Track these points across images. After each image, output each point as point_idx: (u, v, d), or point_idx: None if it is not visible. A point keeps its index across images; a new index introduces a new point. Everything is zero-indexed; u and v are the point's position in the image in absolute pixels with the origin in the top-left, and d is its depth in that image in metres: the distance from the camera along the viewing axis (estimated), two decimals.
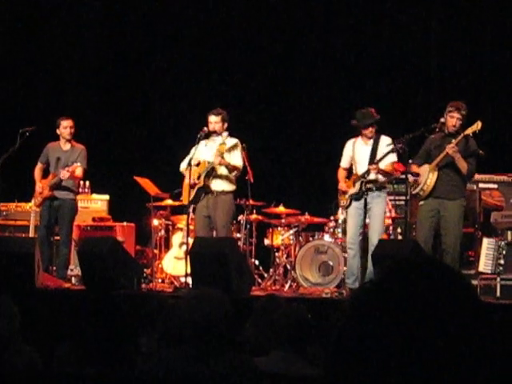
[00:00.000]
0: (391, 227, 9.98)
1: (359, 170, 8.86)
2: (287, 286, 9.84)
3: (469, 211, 9.10)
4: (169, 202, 10.44)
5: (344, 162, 9.09)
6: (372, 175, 8.74)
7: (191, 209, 9.17)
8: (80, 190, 10.49)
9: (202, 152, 9.11)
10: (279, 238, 10.38)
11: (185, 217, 9.44)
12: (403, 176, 8.81)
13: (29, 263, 8.26)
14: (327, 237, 10.04)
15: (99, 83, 12.84)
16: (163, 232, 10.67)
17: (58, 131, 9.69)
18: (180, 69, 12.74)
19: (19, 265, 8.13)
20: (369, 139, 8.86)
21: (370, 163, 8.70)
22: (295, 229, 10.42)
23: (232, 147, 9.02)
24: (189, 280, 8.52)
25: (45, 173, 9.81)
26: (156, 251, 10.50)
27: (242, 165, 9.17)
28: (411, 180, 8.56)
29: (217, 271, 7.81)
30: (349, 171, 9.10)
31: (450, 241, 8.28)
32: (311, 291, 9.39)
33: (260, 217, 10.47)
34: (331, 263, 9.77)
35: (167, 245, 10.62)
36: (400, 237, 9.85)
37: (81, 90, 12.75)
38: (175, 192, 9.96)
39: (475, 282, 8.46)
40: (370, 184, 8.71)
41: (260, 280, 10.11)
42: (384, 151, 8.65)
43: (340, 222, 9.86)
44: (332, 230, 10.05)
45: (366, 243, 8.61)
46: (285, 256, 10.28)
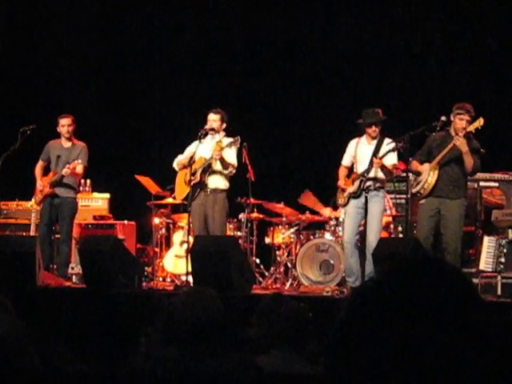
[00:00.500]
0: (392, 225, 9.98)
1: (359, 170, 8.86)
2: (288, 285, 9.84)
3: (470, 209, 9.09)
4: (170, 201, 10.43)
5: (345, 161, 9.09)
6: (372, 173, 8.73)
7: (191, 207, 9.18)
8: (81, 189, 10.49)
9: (199, 149, 9.13)
10: (280, 237, 10.39)
11: (185, 215, 9.44)
12: (404, 174, 8.80)
13: (29, 262, 8.26)
14: (328, 235, 10.04)
15: (100, 81, 12.84)
16: (164, 230, 10.67)
17: (58, 129, 9.71)
18: (180, 68, 12.74)
19: (20, 263, 8.13)
20: (372, 139, 8.85)
21: (373, 162, 8.69)
22: (296, 227, 10.42)
23: (231, 143, 9.05)
24: (190, 278, 8.52)
25: (45, 171, 9.82)
26: (157, 249, 10.51)
27: (237, 164, 9.21)
28: (412, 178, 8.55)
29: (218, 269, 7.81)
30: (349, 170, 9.10)
31: (451, 240, 8.27)
32: (312, 289, 9.38)
33: (261, 215, 10.48)
34: (332, 261, 9.77)
35: (168, 243, 10.63)
36: (401, 235, 9.85)
37: (81, 89, 12.74)
38: (168, 188, 9.97)
39: (476, 281, 8.46)
40: (369, 182, 8.69)
41: (261, 278, 10.11)
42: (386, 150, 8.64)
43: (341, 220, 9.86)
44: (333, 229, 10.05)
45: (365, 242, 8.60)
46: (286, 254, 10.29)
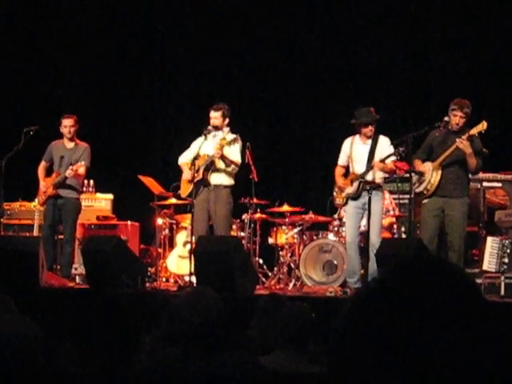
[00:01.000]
0: (395, 226, 9.98)
1: (356, 169, 8.83)
2: (291, 285, 9.83)
3: (473, 210, 9.08)
4: (173, 201, 10.44)
5: (341, 160, 9.07)
6: (370, 175, 8.72)
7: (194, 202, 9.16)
8: (84, 189, 10.50)
9: (203, 147, 9.10)
10: (283, 237, 10.38)
11: (189, 216, 9.43)
12: (407, 175, 8.79)
13: (33, 262, 8.27)
14: (331, 235, 10.03)
15: (103, 82, 12.84)
16: (167, 231, 10.67)
17: (61, 130, 9.72)
18: (183, 67, 12.74)
19: (23, 264, 8.14)
20: (367, 138, 8.83)
21: (370, 163, 8.67)
22: (299, 227, 10.41)
23: (231, 141, 9.01)
24: (193, 279, 8.52)
25: (48, 171, 9.82)
26: (160, 250, 10.51)
27: (240, 161, 9.16)
28: (415, 178, 8.54)
29: (221, 270, 7.81)
30: (346, 170, 9.08)
31: (456, 239, 8.26)
32: (315, 290, 9.38)
33: (264, 216, 10.47)
34: (335, 262, 9.76)
35: (171, 244, 10.63)
36: (404, 236, 9.85)
37: (84, 89, 12.75)
38: (173, 185, 9.96)
39: (479, 281, 8.45)
40: (368, 184, 8.67)
41: (264, 279, 10.11)
42: (384, 152, 8.62)
43: (344, 221, 9.85)
44: (336, 229, 10.05)
45: (367, 243, 8.59)
46: (289, 255, 10.28)
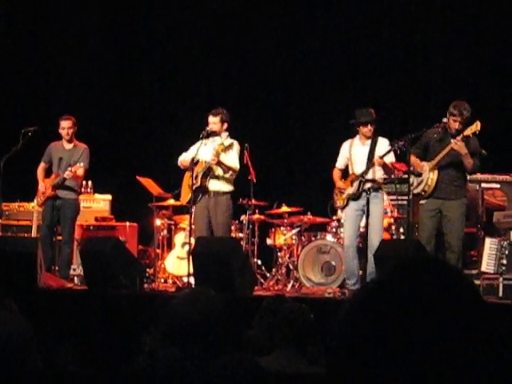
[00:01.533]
0: (393, 227, 9.98)
1: (356, 171, 8.82)
2: (290, 286, 9.83)
3: (471, 211, 9.09)
4: (171, 202, 10.44)
5: (339, 163, 9.06)
6: (370, 175, 8.71)
7: (193, 209, 9.17)
8: (82, 190, 10.49)
9: (201, 152, 9.09)
10: (282, 238, 10.38)
11: (187, 217, 9.43)
12: (405, 176, 8.79)
13: (31, 263, 8.26)
14: (330, 237, 10.04)
15: (101, 83, 12.85)
16: (166, 232, 10.68)
17: (59, 131, 9.72)
18: (182, 69, 12.74)
19: (22, 264, 8.13)
20: (367, 139, 8.82)
21: (370, 163, 8.67)
22: (298, 228, 10.41)
23: (227, 147, 9.01)
24: (191, 280, 8.52)
25: (47, 172, 9.82)
26: (158, 251, 10.51)
27: (238, 166, 9.17)
28: (412, 179, 8.53)
29: (219, 271, 7.81)
30: (343, 172, 9.08)
31: (454, 240, 8.26)
32: (314, 291, 9.39)
33: (262, 217, 10.48)
34: (334, 263, 9.76)
35: (170, 245, 10.63)
36: (402, 237, 9.85)
37: (83, 90, 12.75)
38: (175, 193, 9.96)
39: (478, 282, 8.44)
40: (369, 184, 8.67)
41: (262, 280, 10.10)
42: (383, 150, 8.62)
43: (343, 222, 9.85)
44: (334, 230, 10.05)
45: (366, 244, 8.58)
46: (287, 256, 10.28)
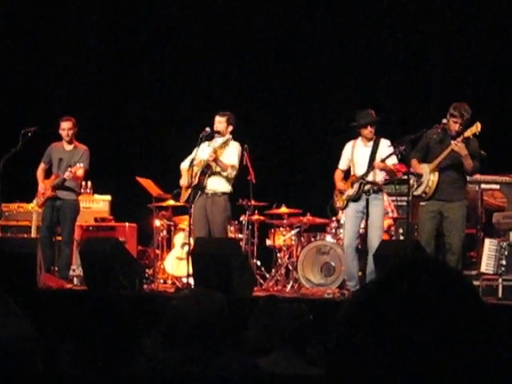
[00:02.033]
0: (393, 228, 9.98)
1: (358, 172, 8.82)
2: (289, 287, 9.83)
3: (471, 212, 9.08)
4: (171, 203, 10.44)
5: (342, 164, 9.05)
6: (370, 177, 8.71)
7: (193, 209, 9.17)
8: (82, 191, 10.49)
9: (201, 152, 9.10)
10: (281, 239, 10.38)
11: (187, 217, 9.43)
12: (405, 177, 8.79)
13: (31, 264, 8.27)
14: (329, 237, 10.03)
15: (101, 83, 12.84)
16: (165, 232, 10.67)
17: (59, 131, 9.72)
18: (183, 70, 12.74)
19: (21, 265, 8.14)
20: (368, 141, 8.82)
21: (371, 165, 8.67)
22: (297, 229, 10.41)
23: (223, 144, 9.03)
24: (191, 281, 8.52)
25: (47, 173, 9.82)
26: (158, 252, 10.51)
27: (237, 164, 9.17)
28: (412, 181, 8.53)
29: (218, 272, 7.81)
30: (346, 173, 9.08)
31: (455, 242, 8.25)
32: (313, 292, 9.39)
33: (262, 217, 10.48)
34: (333, 264, 9.76)
35: (169, 245, 10.63)
36: (402, 237, 9.85)
37: (83, 91, 12.75)
38: (175, 192, 9.96)
39: (477, 283, 8.45)
40: (369, 186, 8.67)
41: (262, 281, 10.10)
42: (385, 153, 8.62)
43: (342, 223, 9.85)
44: (334, 231, 10.05)
45: (365, 245, 8.58)
46: (287, 257, 10.28)
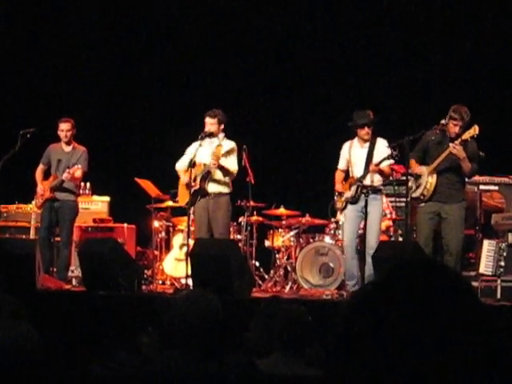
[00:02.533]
0: (392, 229, 9.98)
1: (355, 173, 8.83)
2: (288, 288, 9.83)
3: (469, 213, 9.09)
4: (169, 204, 10.43)
5: (341, 165, 9.07)
6: (368, 180, 8.71)
7: (192, 210, 9.17)
8: (81, 192, 10.49)
9: (199, 153, 9.07)
10: (280, 240, 10.38)
11: (185, 218, 9.43)
12: (404, 178, 8.80)
13: (29, 265, 8.26)
14: (328, 238, 10.03)
15: (100, 85, 12.84)
16: (164, 233, 10.67)
17: (58, 133, 9.71)
18: (181, 70, 12.74)
19: (20, 266, 8.13)
20: (365, 142, 8.83)
21: (368, 166, 8.68)
22: (296, 230, 10.42)
23: (228, 151, 9.01)
24: (189, 282, 8.52)
25: (46, 174, 9.82)
26: (157, 253, 10.51)
27: (237, 169, 9.18)
28: (411, 183, 8.53)
29: (217, 273, 7.81)
30: (346, 173, 9.09)
31: (453, 243, 8.26)
32: (312, 293, 9.39)
33: (261, 218, 10.48)
34: (332, 265, 9.76)
35: (168, 246, 10.62)
36: (400, 238, 9.85)
37: (82, 92, 12.75)
38: (171, 192, 9.96)
39: (476, 284, 8.45)
40: (366, 188, 8.67)
41: (260, 282, 10.10)
42: (381, 154, 8.61)
43: (341, 224, 9.85)
44: (333, 232, 10.05)
45: (364, 246, 8.59)
46: (285, 258, 10.28)
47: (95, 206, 11.20)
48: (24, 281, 8.03)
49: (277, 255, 10.35)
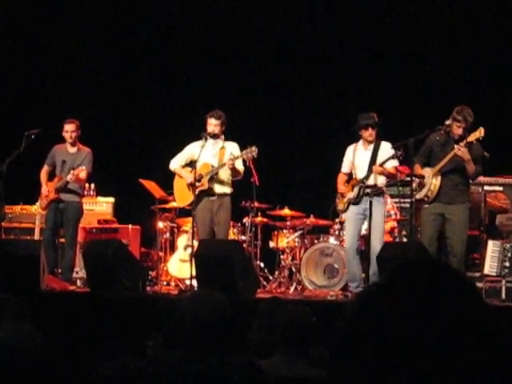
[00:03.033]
0: (396, 230, 9.98)
1: (359, 175, 8.84)
2: (292, 289, 9.83)
3: (474, 213, 9.08)
4: (174, 205, 10.43)
5: (345, 167, 9.07)
6: (371, 180, 8.71)
7: (196, 211, 9.15)
8: (85, 193, 10.49)
9: (202, 154, 9.03)
10: (284, 241, 10.38)
11: (190, 219, 9.43)
12: (408, 178, 8.79)
13: (34, 266, 8.27)
14: (332, 239, 10.03)
15: (104, 85, 12.85)
16: (168, 234, 10.67)
17: (63, 134, 9.72)
18: (184, 70, 12.74)
19: (24, 267, 8.14)
20: (369, 143, 8.82)
21: (372, 167, 8.67)
22: (300, 231, 10.41)
23: (243, 154, 9.02)
24: (194, 282, 8.52)
25: (50, 175, 9.82)
26: (161, 254, 10.50)
27: (243, 170, 9.21)
28: (415, 184, 8.52)
29: (222, 274, 7.81)
30: (349, 176, 9.08)
31: (457, 244, 8.26)
32: (316, 294, 9.38)
33: (265, 219, 10.48)
34: (336, 266, 9.76)
35: (172, 247, 10.62)
36: (405, 239, 9.85)
37: (86, 93, 12.76)
38: (170, 192, 9.96)
39: (480, 285, 8.44)
40: (369, 189, 8.66)
41: (265, 282, 10.10)
42: (384, 156, 8.62)
43: (345, 225, 9.84)
44: (337, 233, 10.04)
45: (368, 248, 8.57)
46: (290, 258, 10.28)
47: (100, 207, 11.20)
48: (28, 282, 8.04)
49: (281, 256, 10.35)
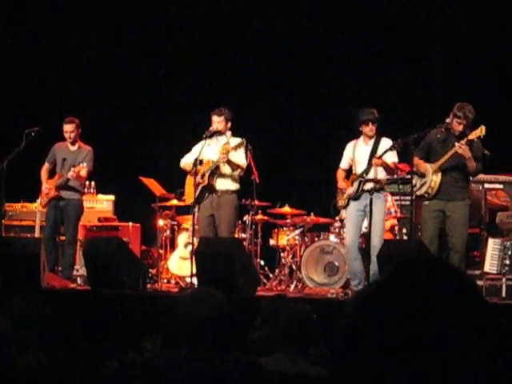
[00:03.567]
0: (396, 227, 9.98)
1: (358, 170, 8.81)
2: (293, 287, 9.84)
3: (474, 211, 9.08)
4: (174, 203, 10.44)
5: (343, 163, 9.05)
6: (371, 174, 8.69)
7: (196, 209, 9.15)
8: (86, 191, 10.49)
9: (206, 151, 9.08)
10: (285, 239, 10.38)
11: (190, 217, 9.43)
12: (408, 176, 8.79)
13: (34, 263, 8.27)
14: (333, 237, 10.03)
15: (104, 83, 12.85)
16: (169, 232, 10.67)
17: (63, 133, 9.73)
18: (185, 68, 12.74)
19: (25, 265, 8.14)
20: (369, 139, 8.80)
21: (371, 162, 8.66)
22: (301, 229, 10.42)
23: (237, 145, 9.01)
24: (194, 280, 8.52)
25: (51, 173, 9.83)
26: (161, 251, 10.51)
27: (246, 164, 9.16)
28: (415, 181, 8.51)
29: (222, 271, 7.81)
30: (348, 173, 9.07)
31: (458, 241, 8.25)
32: (317, 291, 9.38)
33: (265, 217, 10.48)
34: (337, 263, 9.76)
35: (173, 245, 10.63)
36: (405, 237, 9.84)
37: (87, 90, 12.76)
38: (178, 191, 9.96)
39: (480, 283, 8.44)
40: (369, 184, 8.64)
41: (265, 280, 10.11)
42: (384, 149, 8.60)
43: (345, 223, 9.84)
44: (337, 231, 10.04)
45: (368, 245, 8.57)
46: (290, 256, 10.28)
47: (100, 205, 11.20)
48: (29, 279, 8.04)
49: (282, 254, 10.35)
